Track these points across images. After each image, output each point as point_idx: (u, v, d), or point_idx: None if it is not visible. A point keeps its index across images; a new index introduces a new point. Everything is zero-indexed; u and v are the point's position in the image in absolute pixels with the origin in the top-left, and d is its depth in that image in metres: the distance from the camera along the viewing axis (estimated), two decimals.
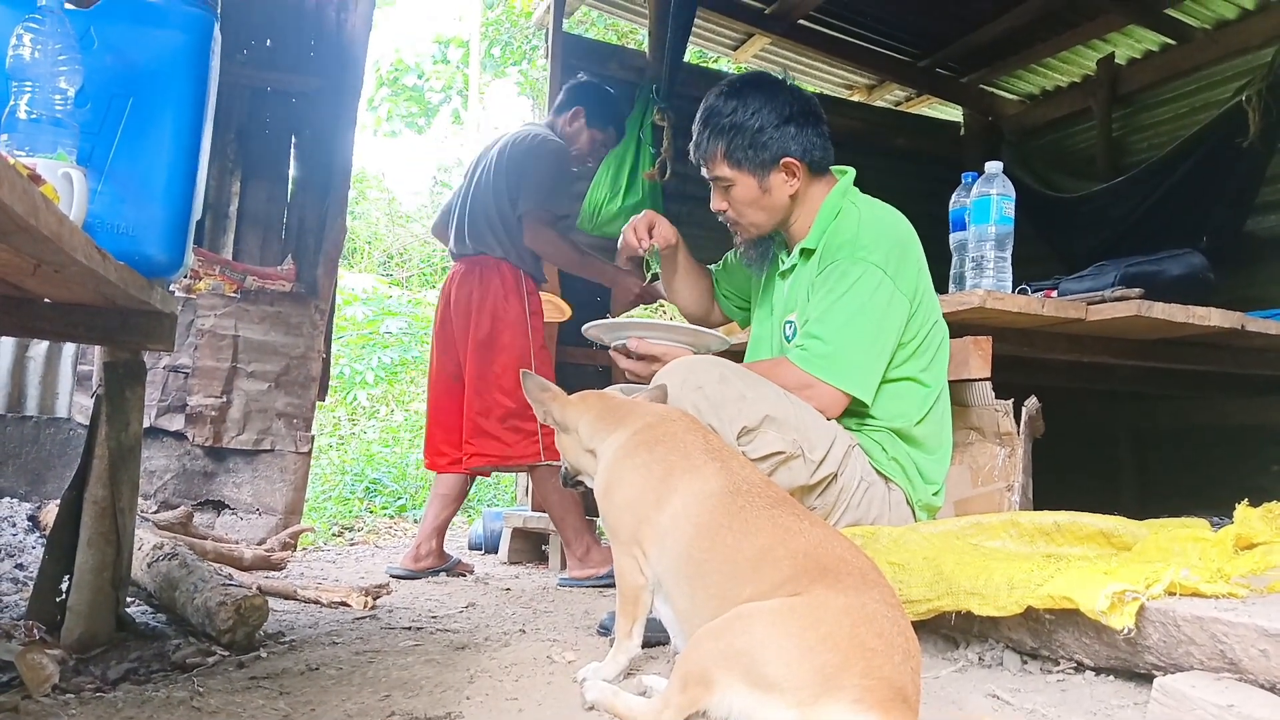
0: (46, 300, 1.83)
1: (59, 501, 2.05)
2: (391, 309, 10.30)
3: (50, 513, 3.02)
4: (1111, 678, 1.50)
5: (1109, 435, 5.10)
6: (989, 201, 2.58)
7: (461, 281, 3.41)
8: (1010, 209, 2.60)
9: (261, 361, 3.80)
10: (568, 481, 1.82)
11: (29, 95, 1.57)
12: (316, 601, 2.62)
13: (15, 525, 3.09)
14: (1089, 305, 2.60)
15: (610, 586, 3.00)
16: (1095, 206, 4.94)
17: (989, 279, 2.57)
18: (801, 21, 5.42)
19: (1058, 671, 1.55)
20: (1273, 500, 1.97)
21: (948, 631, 1.74)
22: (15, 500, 3.36)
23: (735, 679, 1.17)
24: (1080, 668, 1.54)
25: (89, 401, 3.47)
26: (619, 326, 2.13)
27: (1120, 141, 5.41)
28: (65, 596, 1.89)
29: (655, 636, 1.76)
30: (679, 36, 4.72)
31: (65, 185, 1.53)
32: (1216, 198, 4.41)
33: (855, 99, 6.19)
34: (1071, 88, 5.74)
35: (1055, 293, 2.96)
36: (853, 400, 2.02)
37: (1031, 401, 2.38)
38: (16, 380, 3.59)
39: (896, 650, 1.18)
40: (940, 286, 2.26)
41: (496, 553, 4.16)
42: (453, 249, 3.56)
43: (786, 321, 2.20)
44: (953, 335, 2.26)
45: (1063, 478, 3.50)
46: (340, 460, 7.15)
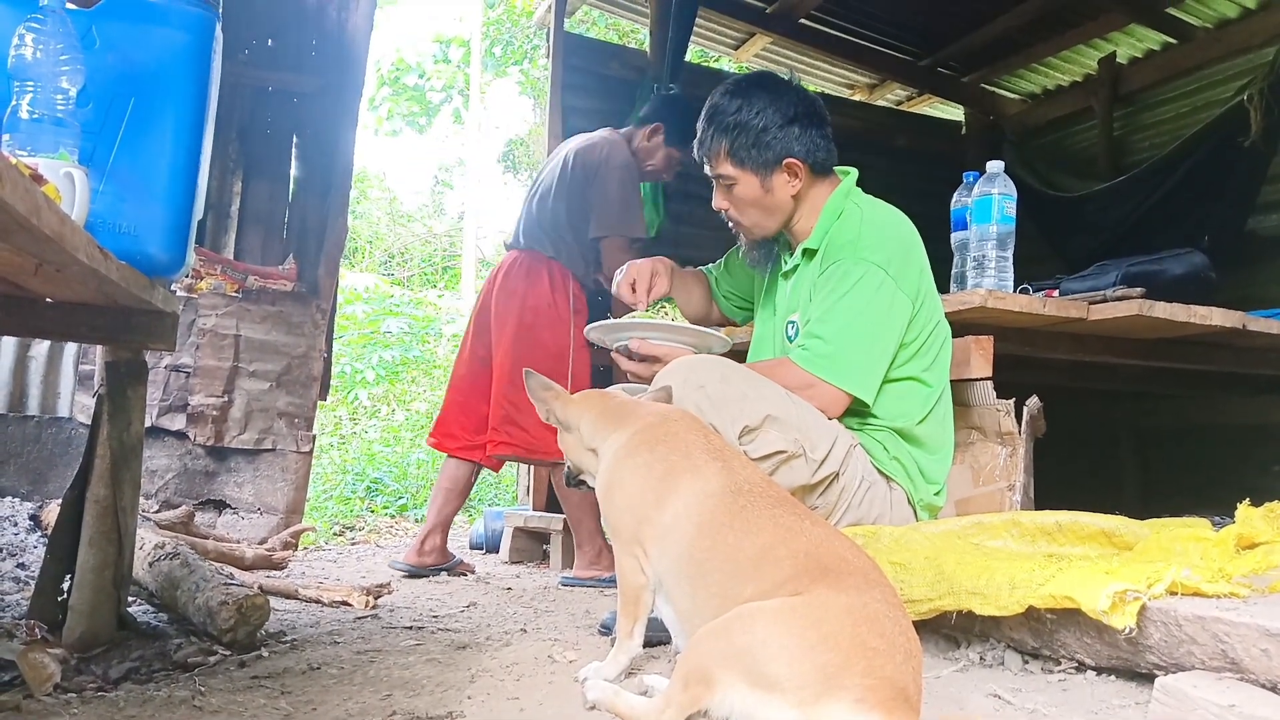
0: (48, 300, 1.84)
1: (60, 501, 2.05)
2: (392, 308, 10.32)
3: (52, 512, 3.02)
4: (1113, 677, 1.50)
5: (1110, 435, 5.10)
6: (990, 201, 2.58)
7: (510, 271, 3.45)
8: (1012, 208, 2.60)
9: (263, 361, 3.80)
10: (570, 481, 1.83)
11: (31, 95, 1.57)
12: (318, 601, 2.62)
13: (17, 524, 3.09)
14: (1090, 305, 2.59)
15: (611, 587, 3.00)
16: (1097, 206, 4.94)
17: (990, 278, 2.57)
18: (803, 21, 5.42)
19: (1059, 671, 1.55)
20: (1274, 500, 1.97)
21: (949, 631, 1.74)
22: (17, 499, 3.37)
23: (737, 678, 1.17)
24: (1082, 667, 1.54)
25: (90, 401, 3.47)
26: (620, 327, 2.12)
27: (1122, 141, 5.41)
28: (67, 596, 1.90)
29: (656, 636, 1.76)
30: (680, 36, 4.72)
31: (67, 185, 1.53)
32: (1218, 197, 4.41)
33: (856, 98, 6.19)
34: (1073, 87, 5.74)
35: (1057, 292, 2.95)
36: (854, 400, 2.02)
37: (1033, 401, 2.37)
38: (18, 379, 3.59)
39: (898, 650, 1.18)
40: (942, 286, 2.26)
41: (497, 552, 4.16)
42: (507, 241, 3.61)
43: (789, 322, 2.20)
44: (954, 335, 2.26)
45: (1064, 477, 3.50)
46: (341, 459, 7.16)
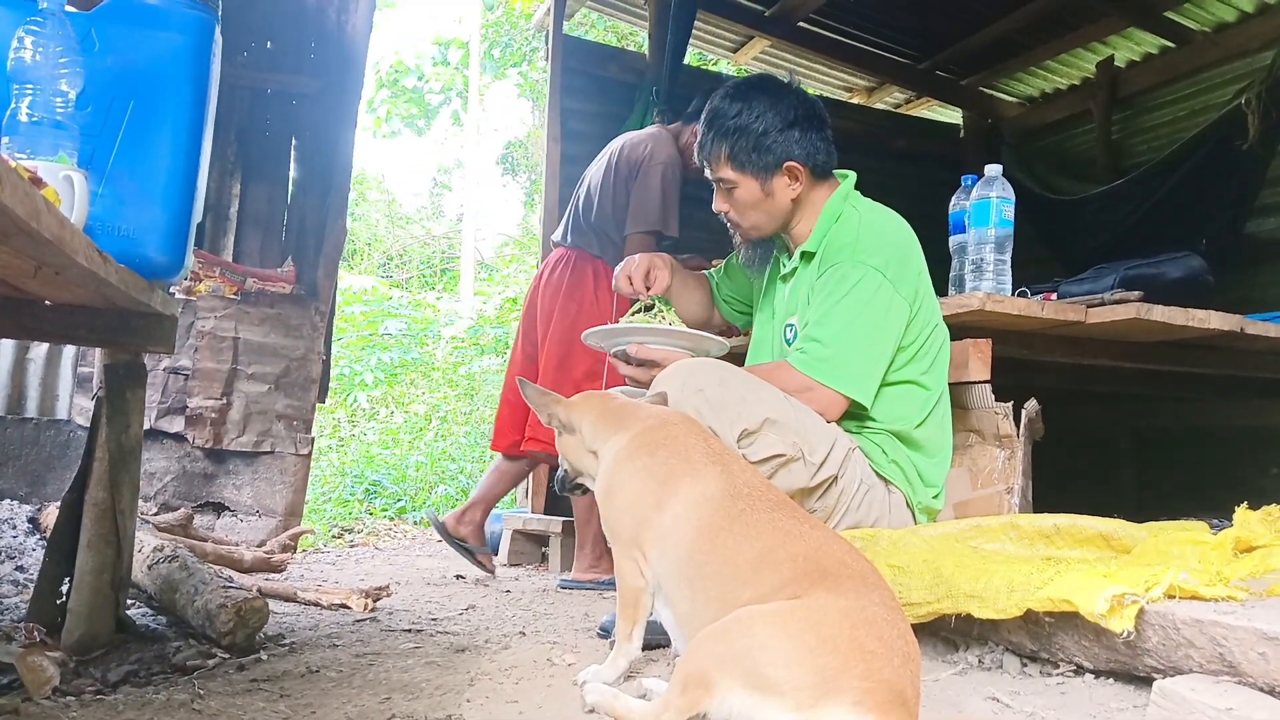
0: (47, 302, 1.83)
1: (59, 504, 2.05)
2: (391, 310, 10.32)
3: (50, 515, 3.02)
4: (1111, 680, 1.50)
5: (1108, 438, 5.11)
6: (989, 204, 2.58)
7: (554, 268, 3.46)
8: (1010, 212, 2.60)
9: (261, 363, 3.80)
10: (566, 486, 1.81)
11: (30, 98, 1.57)
12: (316, 604, 2.62)
13: (15, 527, 3.09)
14: (1088, 308, 2.60)
15: (610, 590, 3.00)
16: (1095, 209, 4.94)
17: (989, 281, 2.57)
18: (801, 24, 5.42)
19: (1057, 674, 1.55)
20: (1272, 503, 1.97)
21: (947, 634, 1.74)
22: (15, 502, 3.36)
23: (735, 681, 1.17)
24: (1080, 670, 1.54)
25: (89, 403, 3.47)
26: (618, 332, 2.11)
27: (1120, 144, 5.41)
28: (65, 599, 1.89)
29: (655, 639, 1.76)
30: (679, 39, 4.72)
31: (66, 188, 1.53)
32: (1216, 200, 4.41)
33: (855, 101, 6.20)
34: (1071, 90, 5.74)
35: (1055, 295, 2.96)
36: (852, 403, 2.02)
37: (1031, 404, 2.38)
38: (17, 382, 3.59)
39: (896, 653, 1.18)
40: (940, 289, 2.27)
41: (496, 554, 4.16)
42: (554, 238, 3.60)
43: (787, 325, 2.20)
44: (952, 338, 2.26)
45: (1062, 480, 3.51)
46: (340, 462, 7.15)
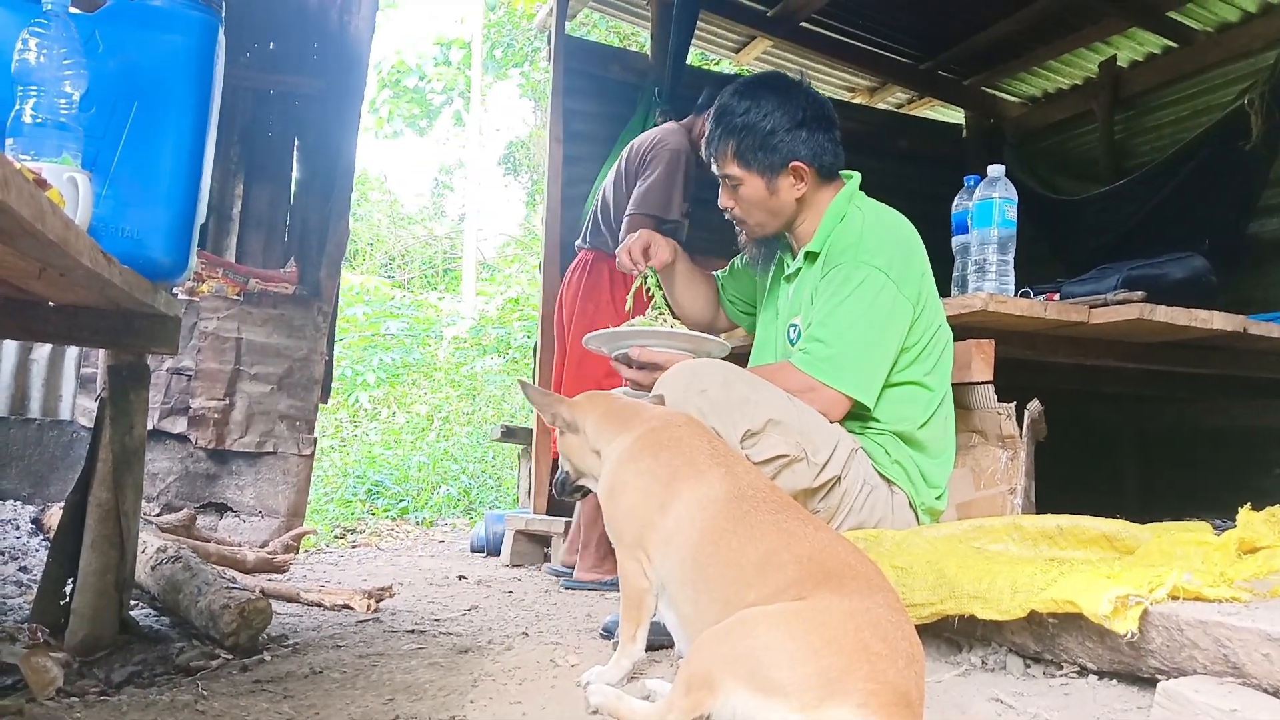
0: (51, 303, 1.84)
1: (62, 504, 2.05)
2: (393, 310, 10.33)
3: (53, 515, 3.02)
4: (1115, 682, 1.50)
5: (1112, 438, 5.10)
6: (991, 205, 2.58)
7: (575, 270, 3.53)
8: (1013, 212, 2.60)
9: (264, 364, 3.81)
10: (566, 489, 1.80)
11: (35, 99, 1.58)
12: (319, 604, 2.62)
13: (19, 528, 3.09)
14: (1091, 308, 2.59)
15: (613, 590, 3.00)
16: (1097, 209, 4.94)
17: (991, 282, 2.57)
18: (804, 24, 5.41)
19: (1061, 675, 1.55)
20: (1276, 503, 1.96)
21: (951, 635, 1.73)
22: (18, 503, 3.37)
23: (739, 683, 1.17)
24: (1083, 672, 1.54)
25: (92, 404, 3.48)
26: (619, 336, 2.11)
27: (1122, 144, 5.41)
28: (69, 599, 1.90)
29: (658, 640, 1.76)
30: (681, 39, 4.72)
31: (70, 189, 1.54)
32: (1219, 201, 4.40)
33: (857, 101, 6.19)
34: (1074, 90, 5.74)
35: (1058, 296, 2.96)
36: (855, 403, 2.02)
37: (1034, 404, 2.37)
38: (20, 383, 3.60)
39: (900, 654, 1.18)
40: (943, 289, 2.26)
41: (498, 555, 4.16)
42: (576, 242, 3.66)
43: (790, 325, 2.20)
44: (955, 338, 2.26)
45: (1065, 481, 3.50)
46: (342, 462, 7.17)
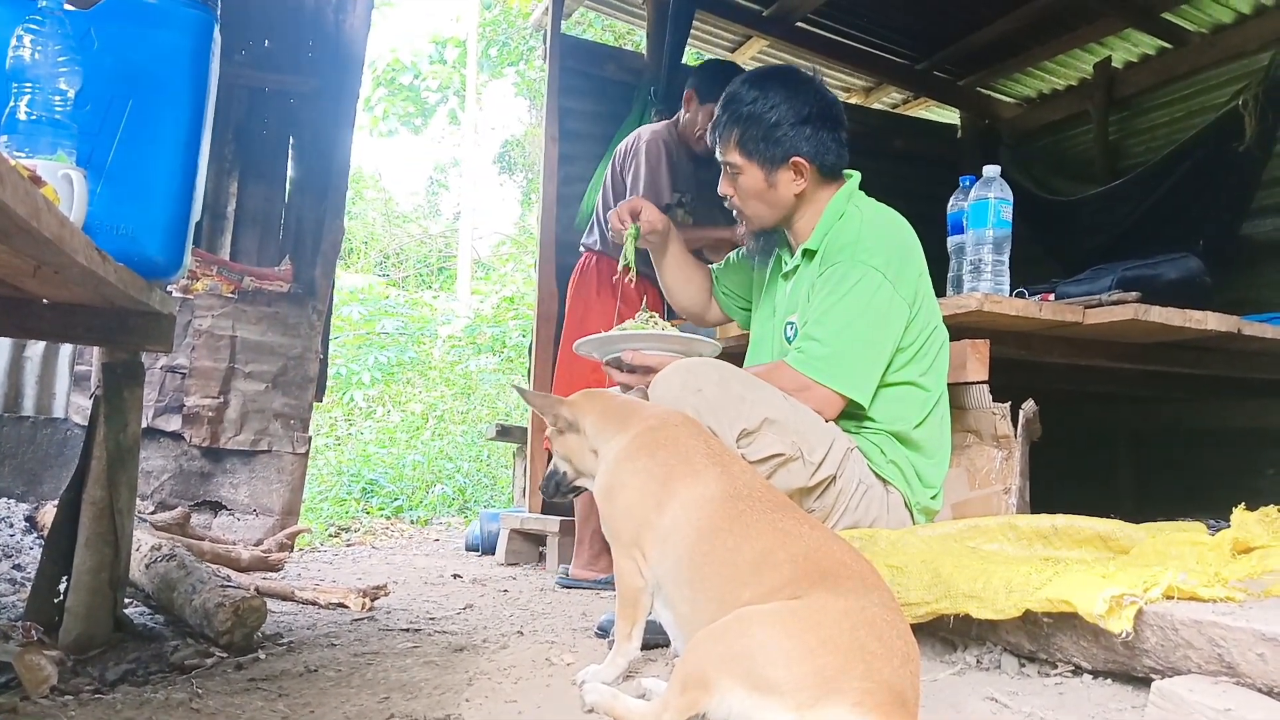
0: (45, 301, 1.83)
1: (57, 502, 2.04)
2: (388, 309, 10.32)
3: (48, 513, 3.01)
4: (1109, 681, 1.50)
5: (1106, 438, 5.11)
6: (987, 205, 2.58)
7: (574, 273, 3.62)
8: (1008, 212, 2.60)
9: (259, 362, 3.80)
10: (562, 490, 1.78)
11: (29, 96, 1.57)
12: (314, 603, 2.62)
13: (13, 526, 3.08)
14: (1086, 308, 2.60)
15: (608, 589, 3.00)
16: (1092, 210, 4.95)
17: (987, 282, 2.57)
18: (799, 24, 5.42)
19: (1055, 675, 1.56)
20: (1270, 503, 1.97)
21: (946, 634, 1.74)
22: (12, 501, 3.36)
23: (734, 682, 1.17)
24: (1078, 671, 1.55)
25: (86, 402, 3.47)
26: (610, 341, 2.12)
27: (1117, 145, 5.42)
28: (63, 597, 1.89)
29: (654, 639, 1.76)
30: (677, 38, 4.72)
31: (65, 187, 1.53)
32: (1213, 201, 4.41)
33: (853, 101, 6.19)
34: (1069, 91, 5.75)
35: (1053, 296, 2.96)
36: (850, 402, 2.02)
37: (1029, 404, 2.38)
38: (13, 380, 3.58)
39: (895, 653, 1.18)
40: (938, 289, 2.26)
41: (493, 554, 4.16)
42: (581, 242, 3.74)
43: (788, 323, 2.20)
44: (951, 338, 2.26)
45: (1060, 481, 3.51)
46: (337, 461, 7.16)
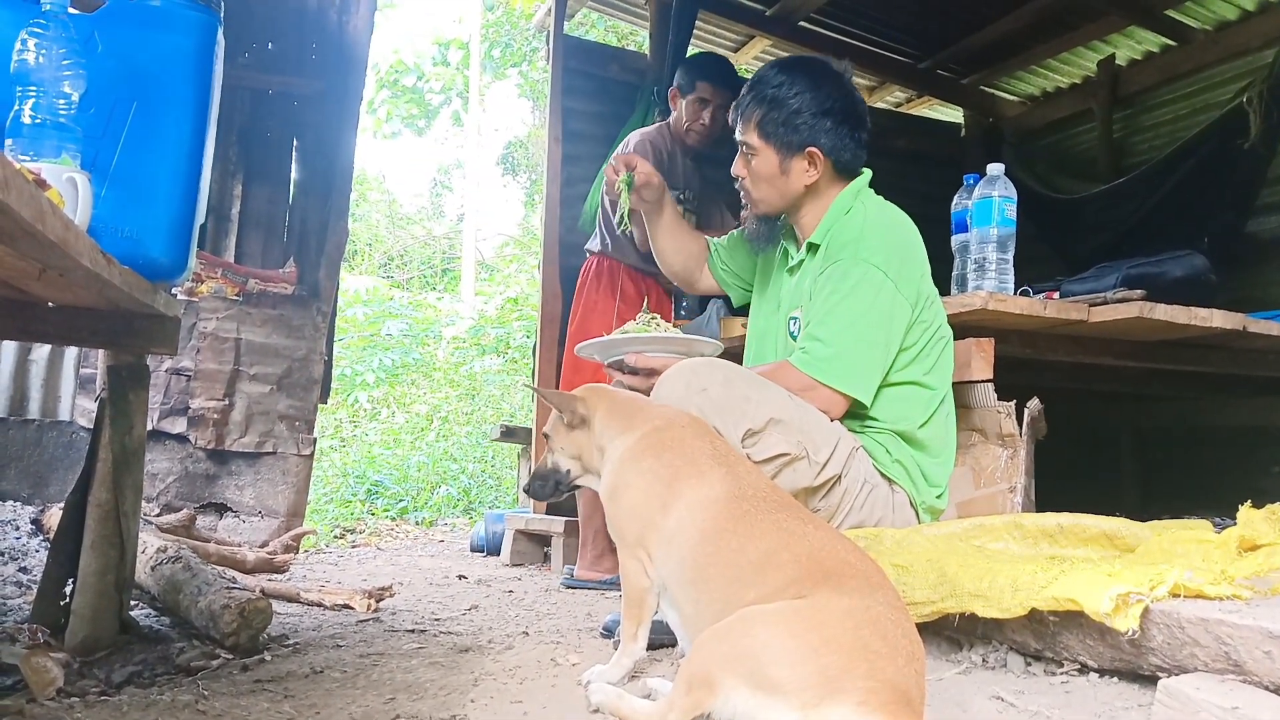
0: (50, 304, 1.84)
1: (62, 505, 2.05)
2: (392, 310, 10.34)
3: (53, 516, 3.02)
4: (1115, 679, 1.50)
5: (1111, 436, 5.10)
6: (991, 203, 2.58)
7: (580, 276, 3.62)
8: (1012, 211, 2.60)
9: (263, 364, 3.81)
10: (562, 488, 1.76)
11: (34, 100, 1.58)
12: (319, 604, 2.62)
13: (18, 528, 3.09)
14: (1091, 307, 2.59)
15: (613, 590, 3.00)
16: (1097, 208, 4.93)
17: (991, 281, 2.57)
18: (802, 23, 5.41)
19: (1062, 673, 1.55)
20: (1276, 501, 1.97)
21: (951, 633, 1.74)
22: (18, 504, 3.37)
23: (739, 681, 1.17)
24: (1084, 669, 1.54)
25: (91, 404, 3.47)
26: (613, 344, 2.12)
27: (1121, 143, 5.41)
28: (69, 600, 1.90)
29: (659, 639, 1.76)
30: (680, 39, 4.71)
31: (70, 190, 1.54)
32: (1218, 199, 4.40)
33: None
34: (1072, 89, 5.73)
35: (1057, 294, 2.95)
36: (854, 402, 2.02)
37: (1034, 403, 2.37)
38: (19, 383, 3.59)
39: (900, 652, 1.18)
40: (942, 288, 2.26)
41: (498, 555, 4.16)
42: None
43: (791, 318, 2.21)
44: (955, 337, 2.26)
45: (1065, 479, 3.50)
46: (342, 462, 7.17)
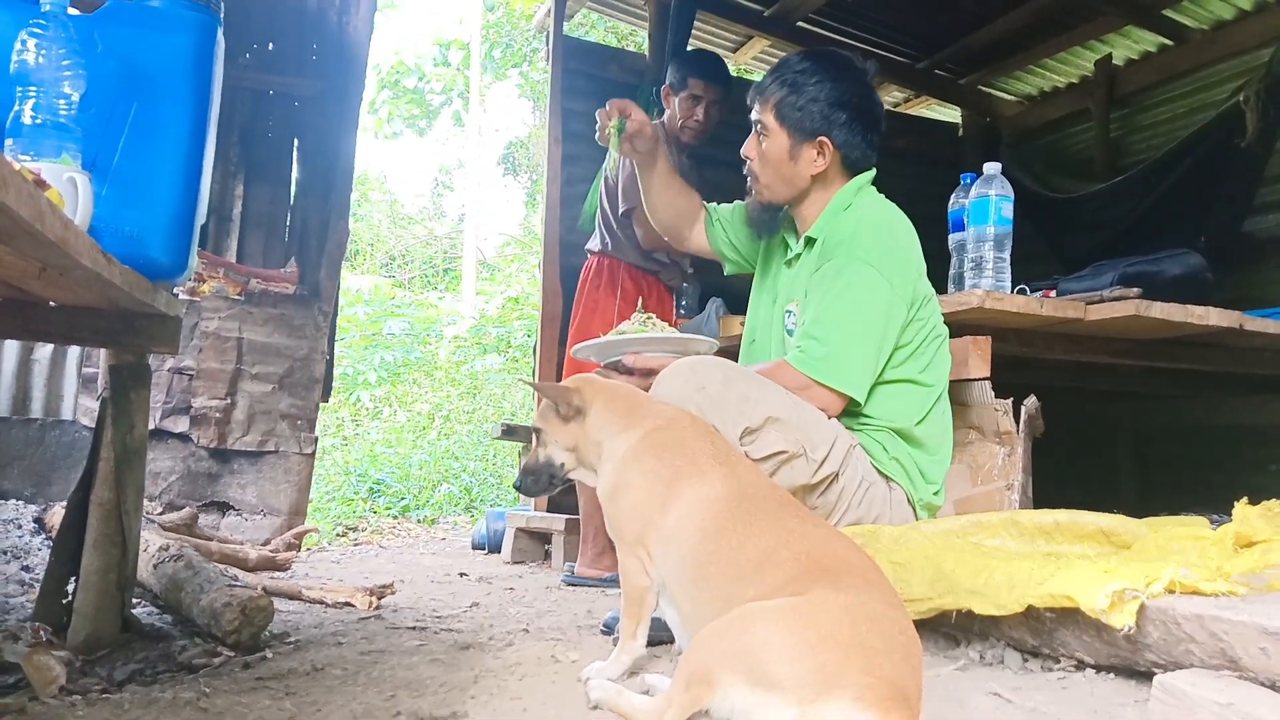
0: (52, 303, 1.84)
1: (64, 504, 2.05)
2: (394, 310, 10.35)
3: (56, 515, 3.03)
4: (1112, 676, 1.51)
5: (1108, 434, 5.11)
6: (987, 202, 2.59)
7: (580, 276, 3.63)
8: (1009, 210, 2.61)
9: (265, 363, 3.82)
10: (555, 481, 1.74)
11: (34, 100, 1.58)
12: (321, 602, 2.62)
13: (21, 527, 3.10)
14: (1088, 305, 2.60)
15: (613, 587, 3.01)
16: (1094, 207, 4.94)
17: (988, 279, 2.58)
18: (801, 24, 5.42)
19: (1058, 670, 1.56)
20: (1271, 498, 1.98)
21: (949, 630, 1.74)
22: (20, 502, 3.38)
23: (737, 678, 1.18)
24: (1081, 666, 1.55)
25: (93, 404, 3.49)
26: (609, 346, 2.13)
27: (1118, 142, 5.41)
28: (71, 598, 1.90)
29: (658, 636, 1.77)
30: (679, 39, 4.72)
31: (70, 190, 1.54)
32: (1214, 198, 4.41)
33: None
34: (1069, 89, 5.74)
35: (1054, 293, 2.96)
36: (849, 400, 2.03)
37: (1031, 401, 2.38)
38: (21, 383, 3.60)
39: (897, 649, 1.18)
40: (939, 287, 2.27)
41: (499, 552, 4.17)
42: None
43: (786, 311, 2.22)
44: (952, 335, 2.27)
45: (1062, 476, 3.52)
46: (344, 461, 7.18)
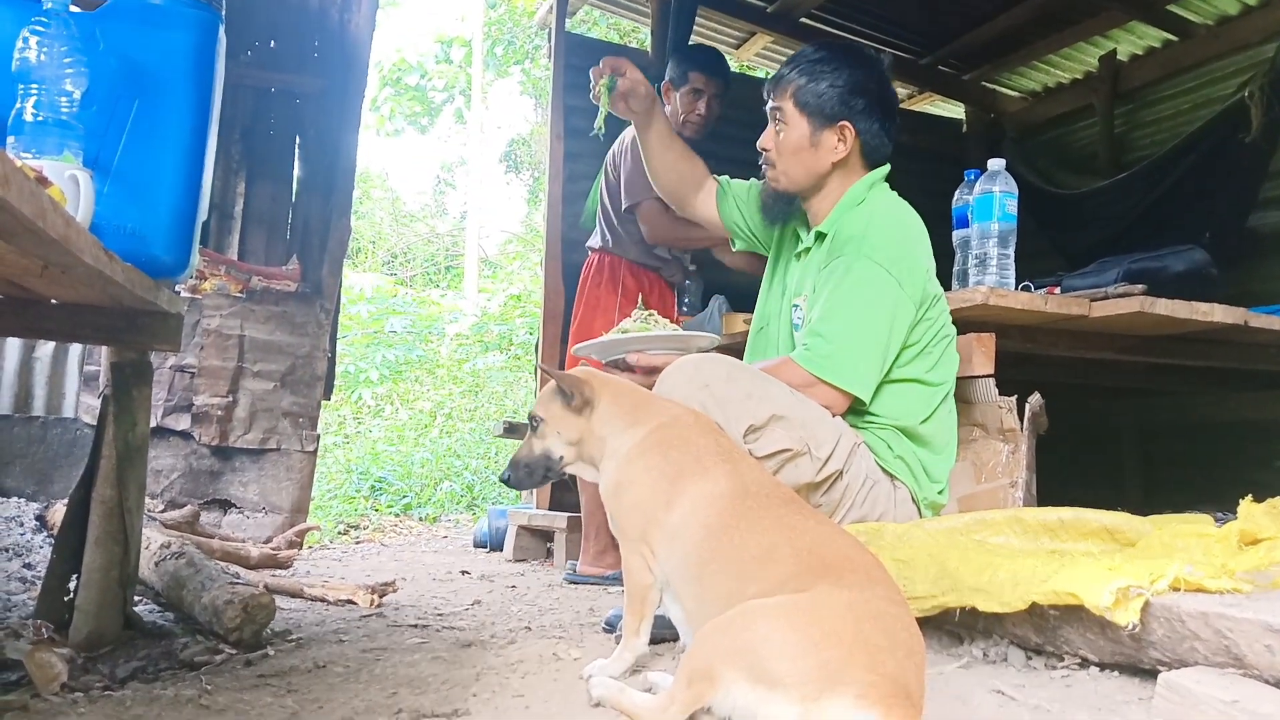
0: (54, 301, 1.84)
1: (66, 501, 2.05)
2: (396, 308, 10.36)
3: (57, 512, 3.03)
4: (1116, 673, 1.50)
5: (1112, 431, 5.10)
6: (991, 199, 2.58)
7: (582, 273, 3.63)
8: (1013, 206, 2.60)
9: (267, 361, 3.82)
10: (552, 474, 1.74)
11: (35, 97, 1.58)
12: (323, 599, 2.63)
13: (23, 525, 3.10)
14: (1092, 302, 2.60)
15: (616, 585, 3.01)
16: (1098, 203, 4.93)
17: (992, 276, 2.57)
18: (803, 20, 5.41)
19: (1062, 667, 1.56)
20: (1277, 495, 1.97)
21: (952, 628, 1.74)
22: (22, 500, 3.38)
23: (739, 675, 1.17)
24: (1085, 663, 1.55)
25: (95, 401, 3.49)
26: (611, 345, 2.13)
27: (1122, 138, 5.40)
28: (73, 595, 1.90)
29: (660, 633, 1.76)
30: (681, 35, 4.72)
31: (72, 187, 1.54)
32: (1219, 194, 4.40)
33: None
34: (1074, 84, 5.73)
35: (1058, 289, 2.96)
36: (854, 399, 2.03)
37: (1035, 398, 2.37)
38: (23, 380, 3.61)
39: (900, 646, 1.18)
40: (943, 283, 2.26)
41: (501, 550, 4.17)
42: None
43: (794, 305, 2.21)
44: (956, 332, 2.26)
45: (1066, 474, 3.51)
46: (345, 459, 7.18)
